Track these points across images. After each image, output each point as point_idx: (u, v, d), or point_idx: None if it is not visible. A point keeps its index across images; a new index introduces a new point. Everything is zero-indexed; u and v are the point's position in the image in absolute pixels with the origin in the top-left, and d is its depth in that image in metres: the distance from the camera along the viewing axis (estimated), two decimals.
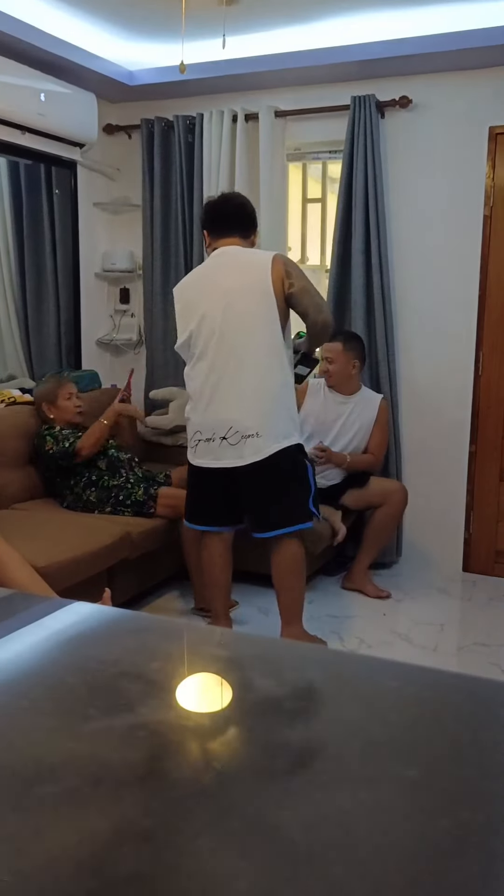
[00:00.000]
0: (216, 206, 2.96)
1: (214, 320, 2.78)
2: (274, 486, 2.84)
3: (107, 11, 3.38)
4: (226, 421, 2.78)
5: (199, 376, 2.84)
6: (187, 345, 2.88)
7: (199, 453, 2.87)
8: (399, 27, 3.45)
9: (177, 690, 0.89)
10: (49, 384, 3.59)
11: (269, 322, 2.77)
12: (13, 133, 3.64)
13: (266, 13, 3.34)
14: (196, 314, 2.82)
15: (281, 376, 2.82)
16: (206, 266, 2.94)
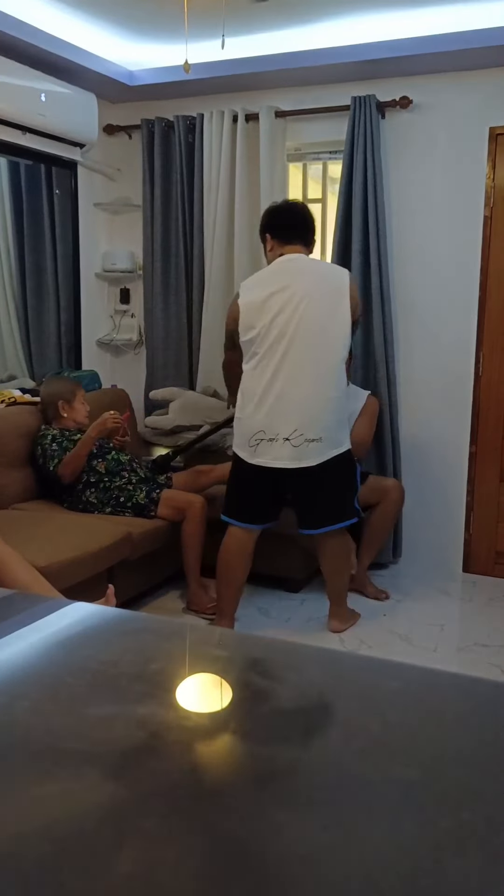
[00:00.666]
0: (287, 214, 3.09)
1: (288, 324, 2.86)
2: (327, 488, 2.98)
3: (107, 11, 3.38)
4: (292, 423, 2.87)
5: (262, 376, 2.89)
6: (250, 343, 2.93)
7: (260, 452, 2.92)
8: (399, 27, 3.45)
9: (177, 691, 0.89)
10: (66, 384, 3.59)
11: (342, 336, 2.92)
12: (13, 133, 3.64)
13: (266, 13, 3.34)
14: (267, 314, 2.89)
15: (343, 386, 2.98)
16: (278, 270, 3.00)
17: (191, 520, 3.35)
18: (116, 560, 3.11)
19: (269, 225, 3.09)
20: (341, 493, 3.04)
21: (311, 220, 3.10)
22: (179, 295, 4.27)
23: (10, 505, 3.39)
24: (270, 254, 3.08)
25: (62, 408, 3.49)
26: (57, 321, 4.26)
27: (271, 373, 2.88)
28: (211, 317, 4.19)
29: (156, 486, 3.45)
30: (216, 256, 4.11)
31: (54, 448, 3.38)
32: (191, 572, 3.38)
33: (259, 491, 3.02)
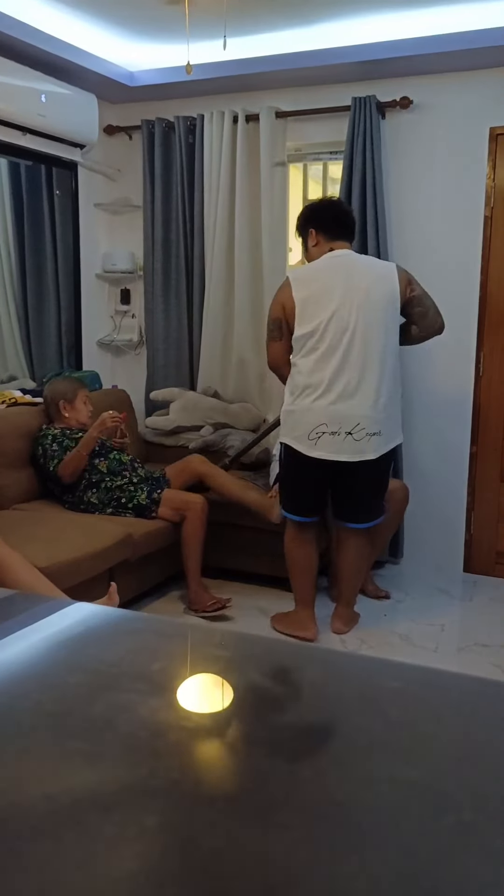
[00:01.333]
0: (335, 209, 3.14)
1: (349, 318, 2.90)
2: (376, 482, 3.06)
3: (107, 12, 3.38)
4: (355, 417, 2.91)
5: (324, 370, 2.91)
6: (309, 336, 2.95)
7: (321, 446, 2.94)
8: (399, 28, 3.45)
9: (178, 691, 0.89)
10: (68, 384, 3.59)
11: (394, 328, 2.99)
12: (14, 134, 3.64)
13: (267, 14, 3.35)
14: (326, 309, 2.92)
15: (399, 380, 3.05)
16: (332, 265, 3.01)
17: (191, 520, 3.35)
18: (117, 561, 3.11)
19: (315, 220, 3.12)
20: (382, 490, 3.13)
21: (353, 217, 3.19)
22: (180, 295, 4.27)
23: (10, 505, 3.39)
24: (315, 249, 3.10)
25: (63, 407, 3.49)
26: (57, 322, 4.26)
27: (335, 367, 2.90)
28: (211, 317, 4.19)
29: (156, 486, 3.45)
30: (217, 257, 4.12)
31: (54, 448, 3.38)
32: (191, 573, 3.39)
33: (317, 484, 3.07)
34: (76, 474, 3.35)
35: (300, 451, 2.98)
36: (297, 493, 3.11)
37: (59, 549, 2.87)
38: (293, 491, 3.12)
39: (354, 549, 3.16)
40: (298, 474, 3.07)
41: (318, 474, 3.03)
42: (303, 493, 3.11)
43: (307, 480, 3.07)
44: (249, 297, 4.12)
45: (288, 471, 3.12)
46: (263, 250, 4.05)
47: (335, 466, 2.97)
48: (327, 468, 2.98)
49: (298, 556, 3.17)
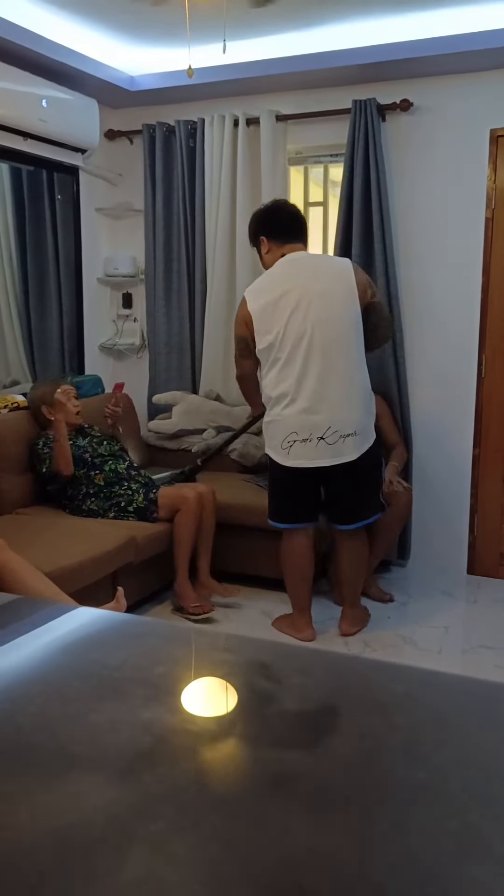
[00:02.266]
0: (282, 213, 3.09)
1: (304, 324, 2.88)
2: (362, 481, 3.03)
3: (107, 17, 3.39)
4: (325, 421, 2.89)
5: (287, 379, 2.91)
6: (269, 348, 2.94)
7: (294, 454, 2.94)
8: (400, 30, 3.46)
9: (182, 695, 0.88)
10: (45, 387, 3.57)
11: (355, 325, 2.94)
12: (15, 139, 3.65)
13: (266, 18, 3.35)
14: (280, 318, 2.90)
15: (366, 377, 3.01)
16: (282, 271, 2.99)
17: (185, 513, 3.36)
18: (121, 564, 3.11)
19: (263, 228, 3.09)
20: (373, 487, 3.12)
21: (302, 216, 3.14)
22: (182, 299, 4.28)
23: (12, 510, 3.40)
24: (268, 256, 3.09)
25: (48, 412, 3.47)
26: (59, 326, 4.26)
27: (297, 374, 2.89)
28: (213, 321, 4.19)
29: (152, 487, 3.45)
30: (218, 260, 4.12)
31: (47, 451, 3.38)
32: (179, 566, 3.37)
33: (300, 492, 3.05)
34: (70, 463, 3.32)
35: (277, 461, 3.00)
36: (284, 502, 3.10)
37: (62, 553, 2.87)
38: (279, 500, 3.11)
39: (350, 550, 3.16)
40: (281, 483, 3.07)
41: (301, 481, 3.01)
42: (286, 500, 3.10)
43: (289, 488, 3.06)
44: None
45: (272, 480, 3.12)
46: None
47: (316, 472, 2.96)
48: (309, 474, 2.97)
49: (290, 564, 3.16)
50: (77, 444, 3.47)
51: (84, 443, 3.51)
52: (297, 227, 3.08)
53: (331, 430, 2.89)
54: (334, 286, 2.92)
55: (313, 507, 3.11)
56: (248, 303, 2.99)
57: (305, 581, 3.17)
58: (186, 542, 3.36)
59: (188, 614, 3.33)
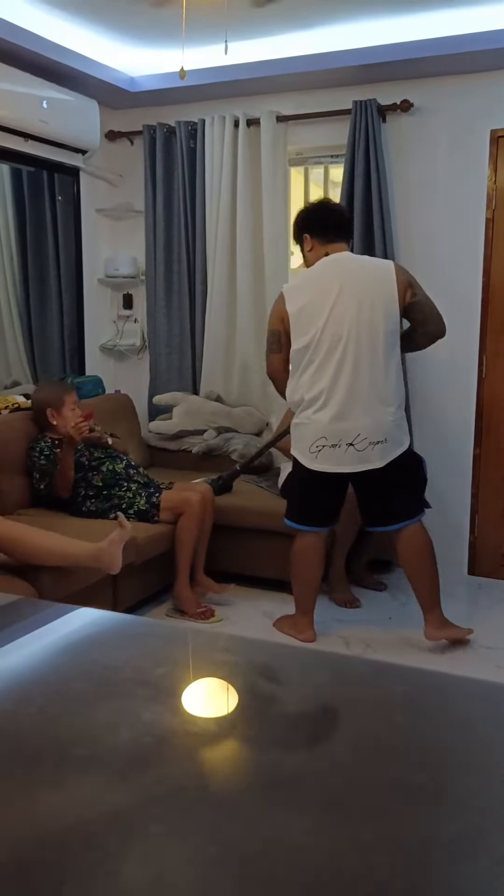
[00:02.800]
0: (328, 212, 3.06)
1: (341, 327, 2.83)
2: (395, 485, 2.99)
3: (108, 18, 3.39)
4: (355, 428, 2.86)
5: (320, 382, 2.87)
6: (305, 350, 2.89)
7: (322, 459, 2.91)
8: (400, 31, 3.45)
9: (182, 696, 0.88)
10: (55, 389, 3.54)
11: (393, 332, 2.90)
12: (16, 140, 3.65)
13: (267, 18, 3.35)
14: (318, 320, 2.85)
15: (401, 383, 2.98)
16: (323, 271, 2.94)
17: (186, 517, 3.35)
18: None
19: (308, 226, 3.05)
20: (411, 488, 3.06)
21: (348, 215, 3.09)
22: (182, 300, 4.28)
23: (14, 511, 3.39)
24: (311, 254, 3.03)
25: (51, 415, 3.43)
26: (60, 327, 4.26)
27: (330, 378, 2.85)
28: (214, 321, 4.19)
29: (155, 491, 3.44)
30: (218, 261, 4.12)
31: (43, 463, 3.35)
32: (179, 570, 3.36)
33: (322, 496, 3.03)
34: (70, 485, 3.34)
35: (304, 464, 2.97)
36: (304, 504, 3.08)
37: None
38: (300, 501, 3.09)
39: (408, 549, 3.05)
40: (304, 485, 3.04)
41: (324, 485, 2.98)
42: (309, 504, 3.07)
43: (311, 491, 3.04)
44: (252, 301, 4.12)
45: (294, 481, 3.10)
46: (265, 254, 4.06)
47: (342, 476, 2.94)
48: (334, 479, 2.95)
49: (300, 565, 3.14)
50: (75, 450, 3.46)
51: (80, 446, 3.50)
52: (342, 227, 3.04)
53: (360, 436, 2.86)
54: (375, 290, 2.87)
55: (333, 511, 3.09)
56: (287, 301, 2.94)
57: (312, 584, 3.16)
58: (188, 546, 3.36)
59: (189, 619, 3.33)
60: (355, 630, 3.30)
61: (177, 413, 4.18)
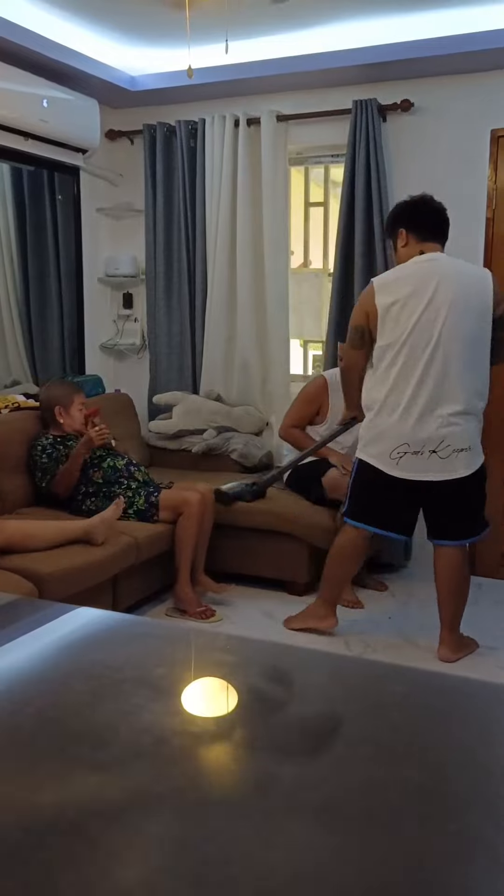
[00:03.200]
0: (429, 209, 2.94)
1: (432, 331, 2.74)
2: (471, 499, 2.92)
3: (108, 17, 3.39)
4: (440, 435, 2.77)
5: (405, 385, 2.78)
6: (389, 348, 2.80)
7: (404, 466, 2.81)
8: (400, 31, 3.45)
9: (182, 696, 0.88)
10: (65, 388, 3.57)
11: (484, 340, 2.81)
12: (16, 139, 3.64)
13: (267, 17, 3.35)
14: (408, 320, 2.76)
15: (486, 391, 2.88)
16: (417, 270, 2.83)
17: (186, 517, 3.35)
18: (123, 567, 3.10)
19: (407, 220, 2.93)
20: (480, 504, 2.98)
21: (447, 215, 2.97)
22: (182, 299, 4.28)
23: (14, 510, 3.39)
24: (404, 250, 2.92)
25: (59, 413, 3.47)
26: (60, 326, 4.26)
27: (416, 382, 2.76)
28: (214, 321, 4.19)
29: (154, 490, 3.44)
30: (219, 260, 4.12)
31: (45, 461, 3.37)
32: (180, 570, 3.36)
33: (395, 501, 2.92)
34: (70, 488, 3.37)
35: (382, 470, 2.86)
36: (371, 505, 2.96)
37: (64, 556, 2.86)
38: (366, 501, 2.97)
39: (450, 568, 2.95)
40: (375, 489, 2.92)
41: (397, 492, 2.89)
42: (376, 505, 2.96)
43: (385, 496, 2.92)
44: (252, 300, 4.12)
45: (363, 485, 2.96)
46: (265, 254, 4.06)
47: (418, 485, 2.84)
48: (413, 487, 2.85)
49: (341, 559, 3.07)
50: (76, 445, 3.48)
51: None
52: (441, 226, 2.93)
53: (444, 443, 2.78)
54: (471, 296, 2.78)
55: (405, 519, 2.98)
56: (377, 296, 2.82)
57: (346, 578, 3.17)
58: (188, 546, 3.35)
59: (189, 619, 3.33)
60: (355, 630, 3.30)
61: (177, 412, 4.18)
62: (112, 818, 0.66)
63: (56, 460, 3.38)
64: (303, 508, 3.56)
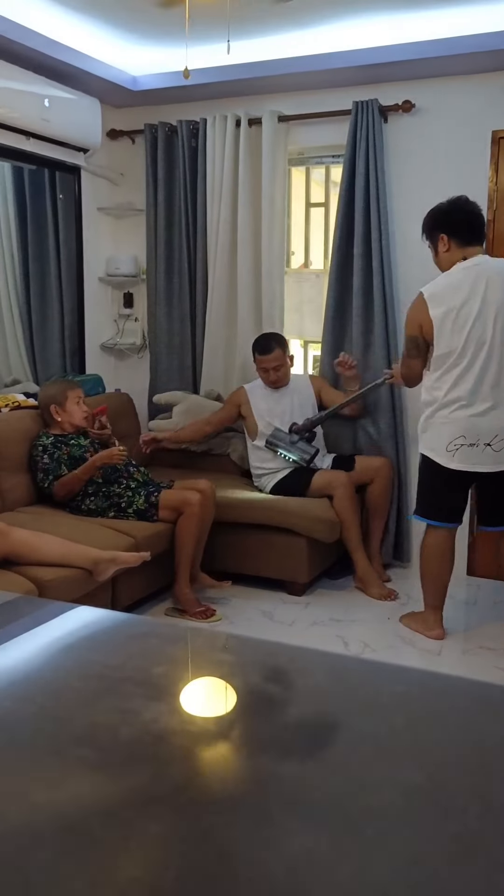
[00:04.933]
0: (468, 212, 3.01)
1: (486, 331, 2.91)
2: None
3: (110, 17, 3.39)
4: (493, 429, 2.96)
5: (463, 384, 2.95)
6: (448, 355, 2.95)
7: (459, 458, 2.99)
8: (401, 32, 3.46)
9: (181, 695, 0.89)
10: (58, 386, 3.58)
11: None
12: (18, 138, 3.65)
13: (269, 18, 3.35)
14: (464, 325, 2.91)
15: None
16: (466, 276, 2.94)
17: (186, 517, 3.35)
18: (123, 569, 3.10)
19: (446, 225, 3.02)
20: None
21: (483, 217, 3.06)
22: (183, 299, 4.28)
23: (14, 508, 3.39)
24: (446, 255, 3.02)
25: (55, 412, 3.48)
26: (61, 325, 4.26)
27: (474, 380, 2.93)
28: (214, 321, 4.19)
29: (154, 490, 3.44)
30: (219, 260, 4.12)
31: (46, 461, 3.38)
32: (179, 570, 3.37)
33: (457, 493, 3.12)
34: (72, 494, 3.38)
35: (440, 463, 3.03)
36: (439, 501, 3.14)
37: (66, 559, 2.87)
38: (434, 498, 3.15)
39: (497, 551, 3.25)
40: (438, 483, 3.10)
41: (457, 483, 3.08)
42: (443, 501, 3.14)
43: (445, 489, 3.10)
44: (252, 300, 4.12)
45: (427, 480, 3.15)
46: (262, 254, 4.06)
47: (474, 475, 3.03)
48: (467, 477, 3.05)
49: (431, 561, 3.19)
50: (79, 444, 3.48)
51: (86, 442, 3.52)
52: (480, 228, 3.03)
53: (497, 437, 2.95)
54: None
55: (462, 508, 3.18)
56: (430, 308, 2.95)
57: (442, 578, 3.21)
58: (188, 547, 3.35)
59: (189, 618, 3.33)
60: (354, 630, 3.30)
61: (177, 412, 4.18)
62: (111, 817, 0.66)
63: (57, 460, 3.38)
64: (304, 502, 3.57)
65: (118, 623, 1.11)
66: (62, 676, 0.92)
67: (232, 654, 1.01)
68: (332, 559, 3.80)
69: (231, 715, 0.84)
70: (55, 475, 3.36)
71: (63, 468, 3.38)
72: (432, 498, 3.15)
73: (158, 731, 0.79)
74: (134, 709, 0.83)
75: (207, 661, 0.99)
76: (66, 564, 2.82)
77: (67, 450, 3.44)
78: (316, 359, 4.40)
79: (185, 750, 0.77)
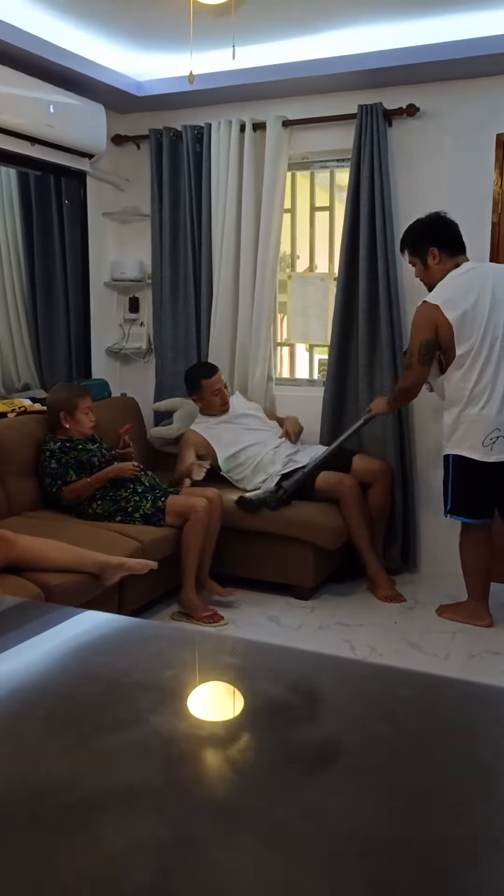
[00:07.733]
0: (450, 225, 3.25)
1: (497, 329, 3.10)
2: None
3: (115, 23, 3.40)
4: None
5: (484, 379, 3.11)
6: (468, 354, 3.11)
7: (497, 450, 3.13)
8: (406, 36, 3.46)
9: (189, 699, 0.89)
10: (69, 393, 3.58)
11: None
12: (23, 144, 3.66)
13: (273, 23, 3.36)
14: (479, 324, 3.10)
15: None
16: (468, 280, 3.14)
17: (192, 523, 3.35)
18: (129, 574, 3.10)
19: (434, 239, 3.21)
20: None
21: None
22: (188, 303, 4.28)
23: (21, 512, 3.40)
24: (438, 266, 3.20)
25: (63, 418, 3.49)
26: (66, 330, 4.27)
27: (491, 374, 3.10)
28: (219, 325, 4.20)
29: (161, 495, 3.44)
30: (224, 265, 4.13)
31: (53, 466, 3.39)
32: (185, 576, 3.37)
33: (489, 486, 3.20)
34: (79, 501, 3.40)
35: (474, 459, 3.14)
36: (474, 499, 3.25)
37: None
38: (469, 496, 3.24)
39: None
40: (473, 480, 3.20)
41: (490, 477, 3.17)
42: (475, 496, 3.24)
43: (479, 484, 3.20)
44: (256, 305, 4.12)
45: (462, 479, 3.23)
46: (258, 257, 4.06)
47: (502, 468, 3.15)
48: (497, 470, 3.15)
49: (473, 556, 3.32)
50: (87, 448, 3.49)
51: (94, 447, 3.53)
52: (461, 238, 3.25)
53: None
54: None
55: (494, 502, 3.26)
56: (446, 312, 3.10)
57: (485, 569, 3.34)
58: (194, 552, 3.36)
59: (196, 623, 3.33)
60: (361, 634, 3.30)
61: (177, 417, 4.20)
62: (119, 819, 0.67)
63: (65, 465, 3.39)
64: (310, 511, 3.56)
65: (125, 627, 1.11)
66: (70, 680, 0.92)
67: (239, 657, 1.01)
68: (338, 564, 3.80)
69: (239, 719, 0.85)
70: (63, 480, 3.37)
71: (71, 473, 3.39)
72: (470, 496, 3.24)
73: (167, 736, 0.79)
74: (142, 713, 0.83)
75: (215, 665, 0.99)
76: (73, 571, 2.82)
77: (75, 454, 3.44)
78: (322, 363, 4.39)
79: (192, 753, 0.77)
